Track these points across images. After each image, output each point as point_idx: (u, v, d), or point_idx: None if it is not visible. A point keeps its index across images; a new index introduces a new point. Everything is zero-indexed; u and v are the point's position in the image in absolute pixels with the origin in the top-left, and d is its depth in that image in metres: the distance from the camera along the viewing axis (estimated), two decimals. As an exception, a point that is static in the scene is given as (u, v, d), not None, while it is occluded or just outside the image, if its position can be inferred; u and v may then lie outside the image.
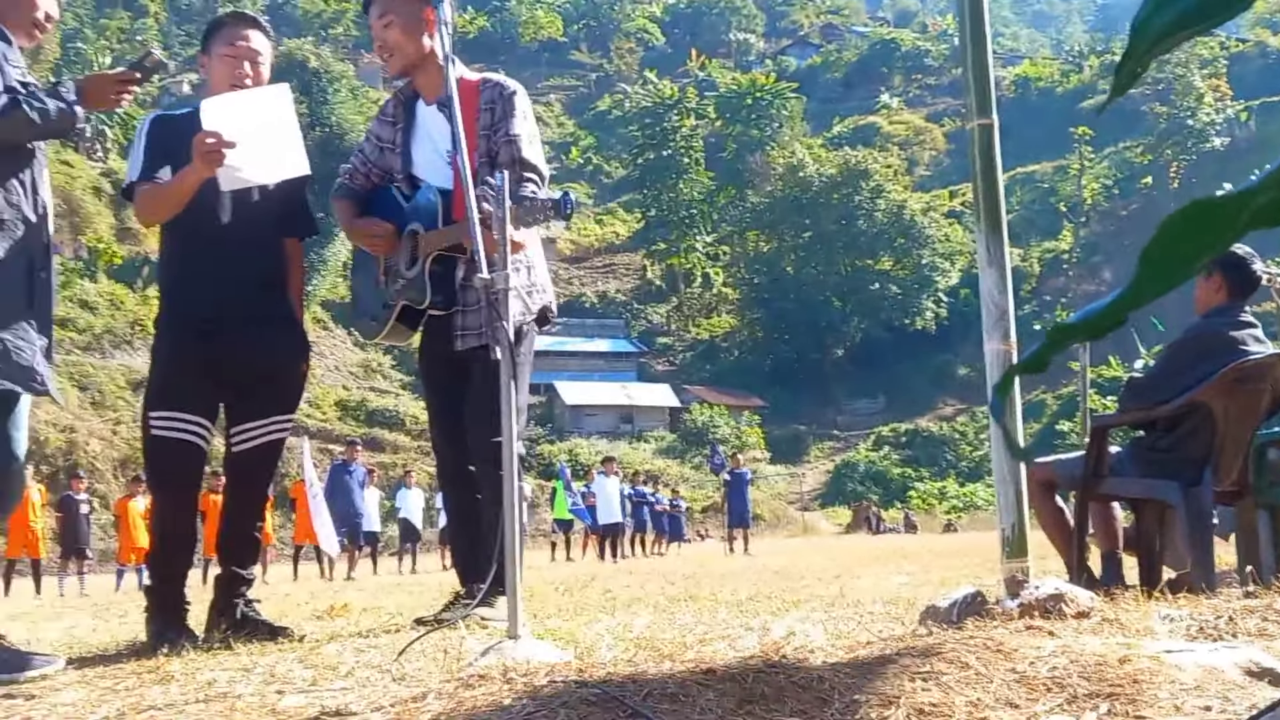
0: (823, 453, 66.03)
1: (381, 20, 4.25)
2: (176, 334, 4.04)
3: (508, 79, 4.41)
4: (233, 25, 4.15)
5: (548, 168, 4.33)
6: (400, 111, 4.47)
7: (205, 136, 3.62)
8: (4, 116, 3.26)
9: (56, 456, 39.33)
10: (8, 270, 3.38)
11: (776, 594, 5.68)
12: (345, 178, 4.58)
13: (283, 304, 4.22)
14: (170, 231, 4.07)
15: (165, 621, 3.90)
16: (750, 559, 16.64)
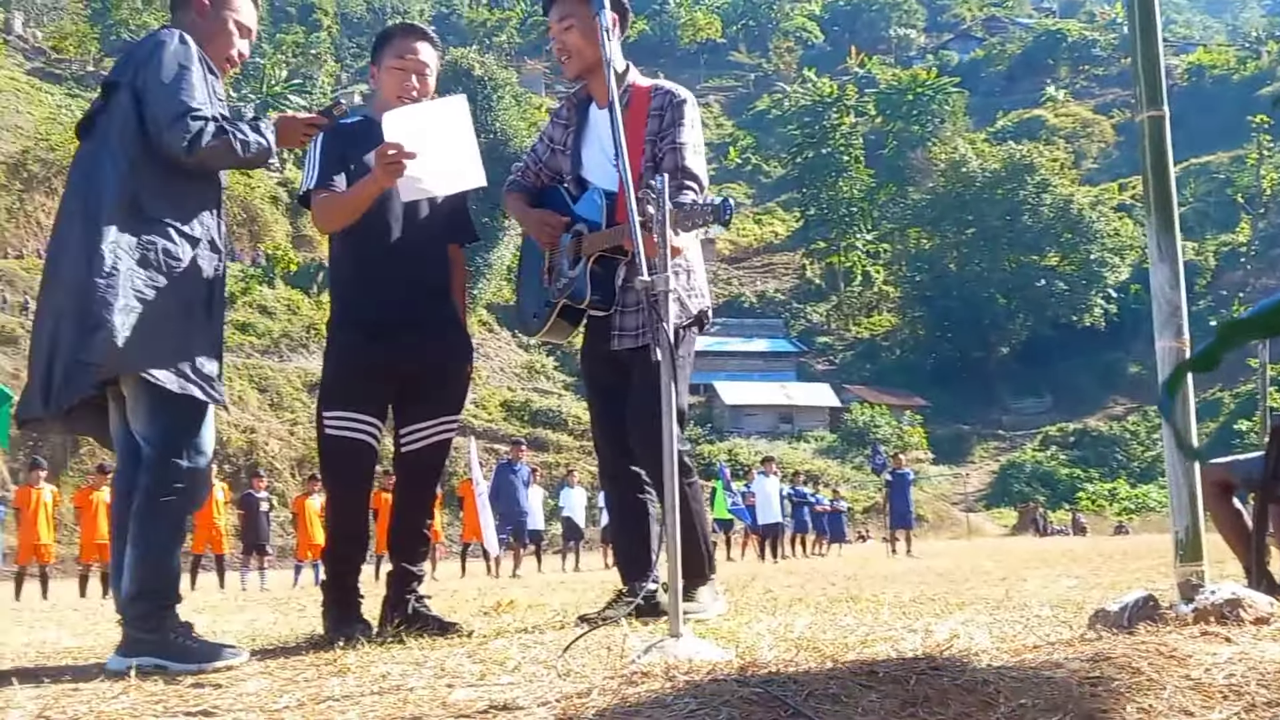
0: (987, 453, 64.75)
1: (562, 23, 4.30)
2: (348, 337, 4.15)
3: (679, 87, 4.43)
4: (402, 38, 4.25)
5: (708, 177, 4.34)
6: (573, 114, 4.52)
7: (387, 148, 3.71)
8: (212, 143, 3.41)
9: (238, 456, 40.83)
10: (196, 288, 3.54)
11: (940, 596, 5.59)
12: (517, 175, 4.67)
13: (448, 308, 4.31)
14: (342, 238, 4.18)
15: (341, 616, 4.03)
16: (913, 560, 16.41)
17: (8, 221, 56.93)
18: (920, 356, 72.51)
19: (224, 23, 3.73)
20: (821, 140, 78.93)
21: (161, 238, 3.45)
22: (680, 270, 4.29)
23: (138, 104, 3.47)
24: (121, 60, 3.61)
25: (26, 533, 15.72)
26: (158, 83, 3.44)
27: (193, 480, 3.47)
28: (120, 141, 3.46)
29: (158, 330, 3.39)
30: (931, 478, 58.09)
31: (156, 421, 3.43)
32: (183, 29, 3.67)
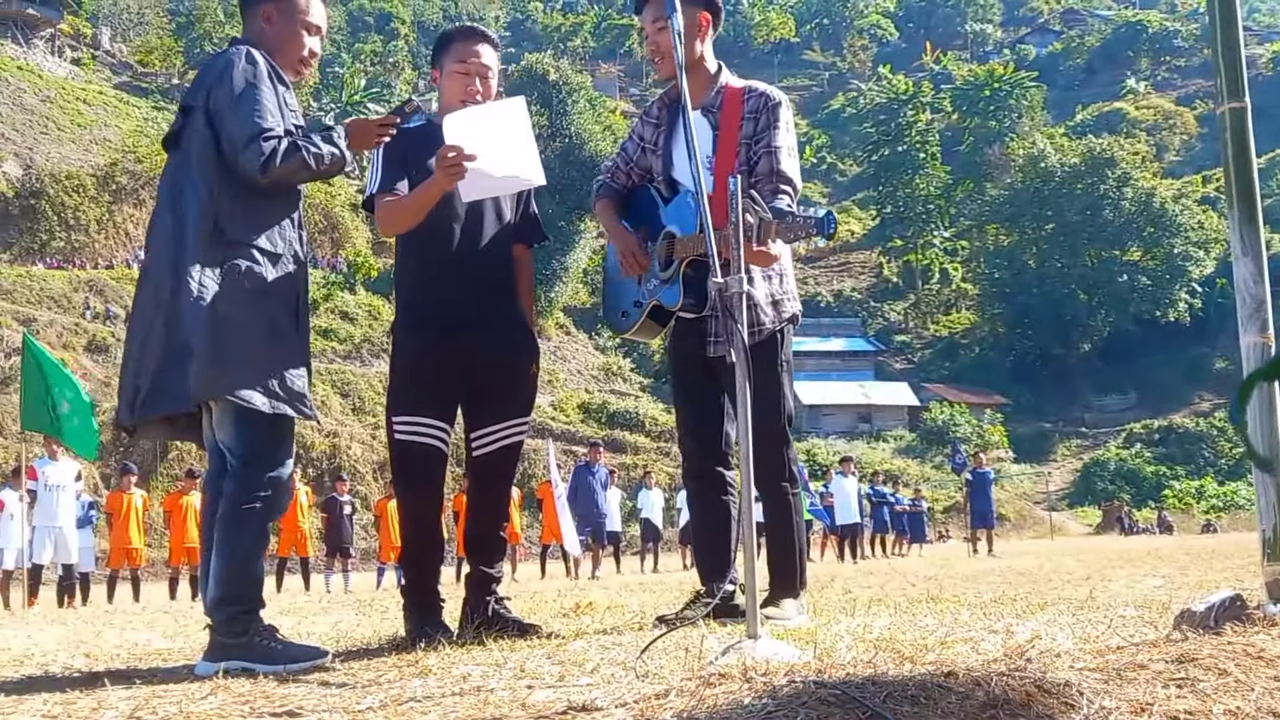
0: (1070, 451, 63.89)
1: (655, 24, 4.29)
2: (413, 339, 4.16)
3: (772, 89, 4.40)
4: (463, 41, 4.26)
5: (802, 181, 4.34)
6: (664, 114, 4.53)
7: (447, 150, 3.74)
8: (285, 161, 3.47)
9: (321, 460, 41.38)
10: (282, 302, 3.61)
11: (1022, 596, 5.53)
12: (607, 176, 4.67)
13: (514, 308, 4.33)
14: (407, 240, 4.21)
15: (422, 618, 4.06)
16: (994, 560, 16.24)
17: (97, 232, 58.21)
18: (1000, 354, 71.76)
19: (294, 26, 3.77)
20: (897, 138, 78.44)
21: (244, 259, 3.51)
22: (773, 274, 4.30)
23: (212, 127, 3.54)
24: (195, 82, 3.67)
25: (118, 537, 16.04)
26: (229, 105, 3.50)
27: (275, 488, 3.54)
28: (199, 167, 3.53)
29: (246, 353, 3.47)
30: (1013, 476, 57.47)
31: (241, 436, 3.51)
32: (253, 38, 3.74)
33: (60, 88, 67.71)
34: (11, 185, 57.28)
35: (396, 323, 4.25)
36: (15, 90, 64.00)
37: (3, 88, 63.62)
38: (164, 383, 3.45)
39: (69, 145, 61.38)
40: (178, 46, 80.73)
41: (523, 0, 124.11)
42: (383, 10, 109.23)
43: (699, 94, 4.35)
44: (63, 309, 49.64)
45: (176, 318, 3.42)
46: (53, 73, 70.58)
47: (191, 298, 3.41)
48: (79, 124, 64.07)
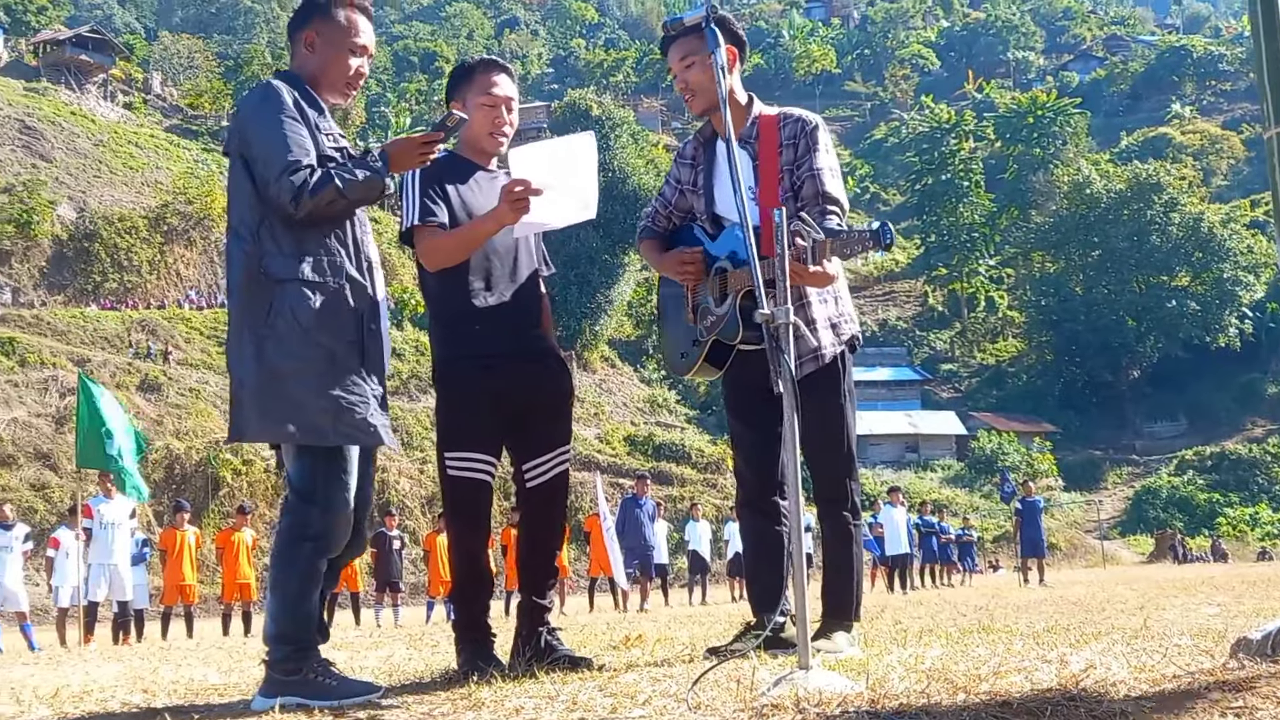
0: (1121, 478, 63.19)
1: (683, 62, 4.30)
2: (458, 371, 4.17)
3: (808, 113, 4.40)
4: (484, 73, 4.26)
5: (848, 200, 4.33)
6: (700, 152, 4.51)
7: (514, 185, 3.75)
8: (318, 192, 3.45)
9: (370, 495, 41.58)
10: (339, 328, 3.58)
11: (1075, 625, 5.49)
12: (648, 221, 4.65)
13: (547, 338, 4.35)
14: (444, 276, 4.17)
15: (474, 651, 4.07)
16: (1046, 589, 16.06)
17: (149, 273, 58.99)
18: (1048, 381, 71.15)
19: (338, 48, 3.75)
20: (940, 166, 78.27)
21: (291, 297, 3.49)
22: (829, 297, 4.28)
23: (247, 168, 3.54)
24: (231, 124, 3.70)
25: (172, 573, 16.15)
26: (257, 144, 3.51)
27: (329, 525, 3.52)
28: (238, 211, 3.55)
29: (299, 391, 3.46)
30: (1063, 505, 56.89)
31: (298, 468, 3.51)
32: (297, 66, 3.75)
33: (113, 132, 68.84)
34: (66, 228, 58.20)
35: (439, 358, 4.26)
36: (69, 135, 65.11)
37: (57, 132, 64.73)
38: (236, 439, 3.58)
39: (121, 188, 62.34)
40: (227, 89, 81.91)
41: (566, 37, 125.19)
42: (427, 50, 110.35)
43: (734, 127, 4.36)
44: (115, 349, 50.26)
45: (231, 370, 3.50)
46: (105, 117, 71.78)
47: (239, 345, 3.45)
48: (131, 167, 65.08)
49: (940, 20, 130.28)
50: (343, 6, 3.77)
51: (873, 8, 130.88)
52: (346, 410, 3.52)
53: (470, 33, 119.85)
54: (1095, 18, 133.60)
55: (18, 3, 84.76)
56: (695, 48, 4.25)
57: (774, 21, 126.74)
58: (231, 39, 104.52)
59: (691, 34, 4.22)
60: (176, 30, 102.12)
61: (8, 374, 44.99)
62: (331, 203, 3.49)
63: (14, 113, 64.86)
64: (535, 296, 4.31)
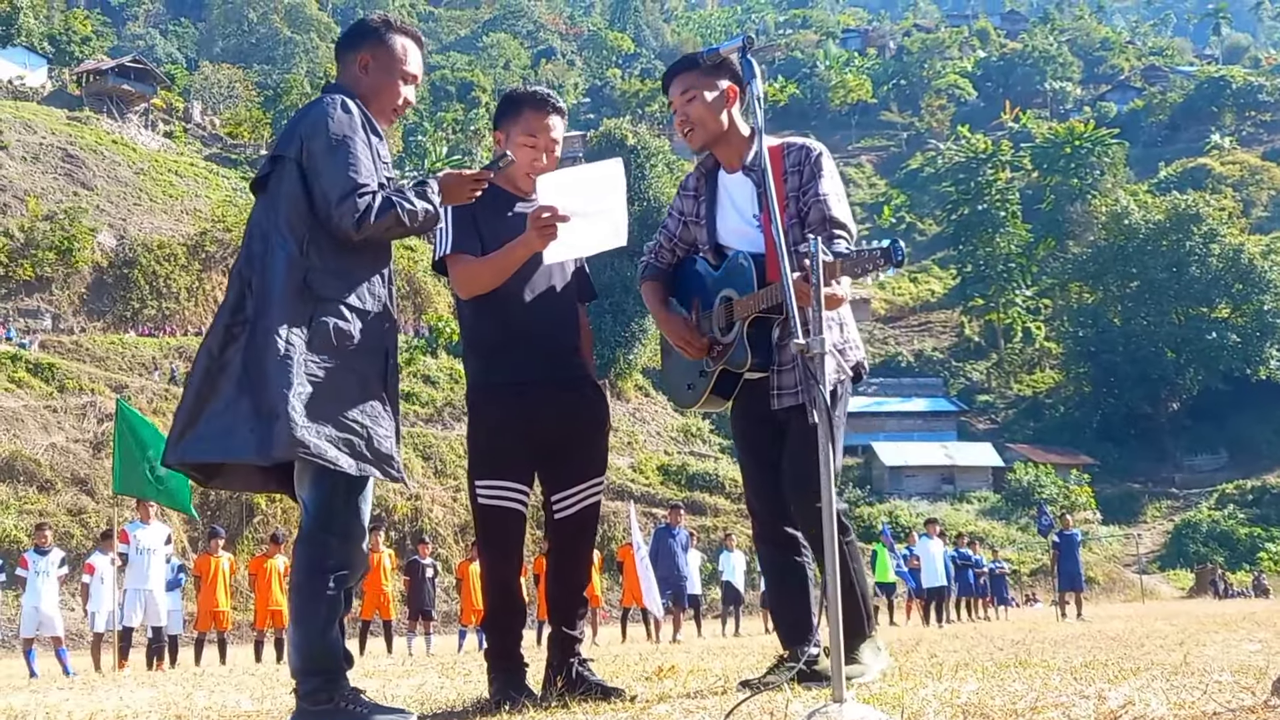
0: (1160, 512, 62.61)
1: (684, 96, 4.31)
2: (490, 400, 4.17)
3: (811, 141, 4.40)
4: (533, 110, 4.26)
5: (855, 226, 4.31)
6: (702, 184, 4.51)
7: (542, 211, 3.76)
8: (379, 218, 3.44)
9: (404, 523, 41.70)
10: (371, 358, 3.58)
11: (1113, 661, 5.42)
12: (651, 256, 4.64)
13: (584, 367, 4.33)
14: (476, 305, 4.20)
15: (506, 681, 4.06)
16: (1084, 624, 15.90)
17: (187, 300, 59.52)
18: (1086, 413, 70.66)
19: (390, 75, 3.76)
20: (977, 196, 78.14)
21: (333, 316, 3.48)
22: (833, 324, 4.25)
23: (304, 179, 3.51)
24: (287, 130, 3.63)
25: (206, 599, 16.21)
26: (323, 159, 3.47)
27: (347, 555, 3.49)
28: (289, 220, 3.50)
29: (333, 412, 3.43)
30: (1101, 538, 56.42)
31: (317, 495, 3.47)
32: (349, 84, 3.73)
33: (153, 160, 69.63)
34: (106, 255, 58.84)
35: (471, 386, 4.26)
36: (111, 163, 65.90)
37: (99, 161, 65.53)
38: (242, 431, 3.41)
39: (161, 215, 62.98)
40: (266, 118, 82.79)
41: (602, 67, 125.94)
42: (464, 79, 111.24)
43: (734, 159, 4.38)
44: (153, 375, 50.70)
45: (262, 375, 3.38)
46: (146, 146, 72.62)
47: (279, 356, 3.37)
48: (170, 195, 65.77)
49: (977, 50, 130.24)
50: (398, 33, 3.79)
51: (909, 38, 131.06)
52: (375, 440, 3.50)
53: (507, 63, 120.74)
54: (1133, 48, 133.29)
55: (62, 33, 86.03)
56: (696, 82, 4.29)
57: (810, 52, 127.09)
58: (271, 69, 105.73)
59: (693, 70, 4.27)
60: (217, 60, 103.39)
61: (47, 399, 45.45)
62: (389, 230, 3.49)
63: (57, 141, 65.72)
64: (572, 324, 4.31)
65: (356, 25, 3.86)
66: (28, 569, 14.93)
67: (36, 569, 14.83)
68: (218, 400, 3.46)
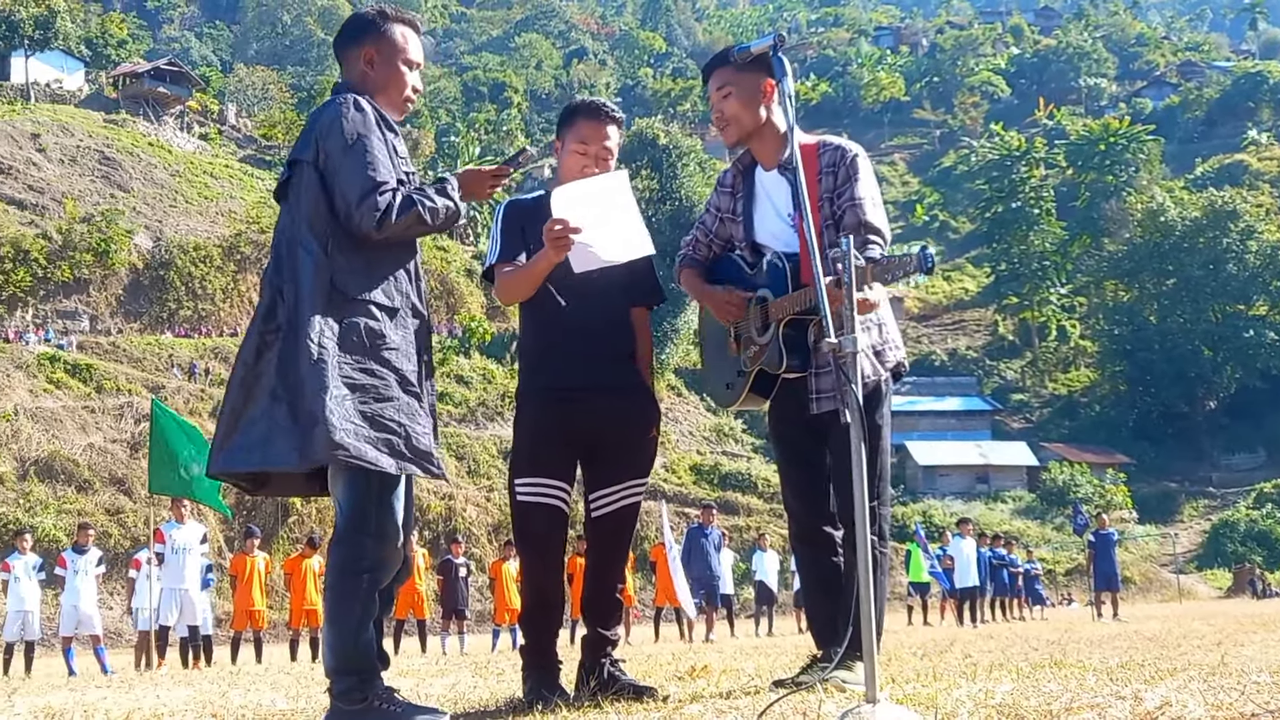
0: (1197, 511, 62.09)
1: (720, 91, 4.32)
2: (535, 404, 4.22)
3: (847, 142, 4.38)
4: (588, 120, 4.30)
5: (890, 229, 4.29)
6: (739, 181, 4.51)
7: (553, 223, 3.79)
8: (400, 216, 3.45)
9: (437, 523, 41.86)
10: (404, 355, 3.57)
11: (1149, 661, 5.38)
12: (688, 249, 4.66)
13: (634, 372, 4.34)
14: (529, 308, 4.27)
15: (539, 680, 4.07)
16: (1120, 624, 15.80)
17: (222, 301, 59.94)
18: (1121, 412, 70.14)
19: (395, 64, 3.76)
20: (1011, 194, 77.72)
21: (363, 316, 3.49)
22: (872, 324, 4.24)
23: (323, 182, 3.51)
24: (303, 134, 3.63)
25: (242, 599, 16.31)
26: (340, 160, 3.47)
27: (381, 556, 3.48)
28: (311, 223, 3.50)
29: (371, 413, 3.43)
30: (1137, 538, 56.01)
31: (351, 495, 3.47)
32: (356, 82, 3.72)
33: (189, 162, 70.17)
34: (143, 256, 59.33)
35: (519, 389, 4.32)
36: (146, 165, 66.44)
37: (135, 163, 66.08)
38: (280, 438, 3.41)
39: (196, 217, 63.45)
40: (299, 120, 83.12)
41: (633, 66, 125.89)
42: (496, 80, 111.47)
43: (771, 156, 4.36)
44: (199, 377, 51.08)
45: (298, 380, 3.38)
46: (181, 148, 73.18)
47: (312, 360, 3.37)
48: (206, 196, 66.26)
49: (1010, 47, 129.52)
50: (396, 22, 3.79)
51: (942, 35, 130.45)
52: (413, 438, 3.51)
53: (539, 63, 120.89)
54: (1169, 44, 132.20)
55: (99, 37, 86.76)
56: (733, 78, 4.28)
57: (842, 50, 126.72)
58: (304, 71, 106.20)
59: (730, 65, 4.25)
60: (251, 62, 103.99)
61: (85, 400, 45.88)
62: (410, 227, 3.50)
63: (94, 144, 66.31)
64: (622, 329, 4.33)
65: (353, 21, 3.85)
66: (66, 568, 15.10)
67: (75, 568, 15.00)
68: (255, 408, 3.46)
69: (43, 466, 41.15)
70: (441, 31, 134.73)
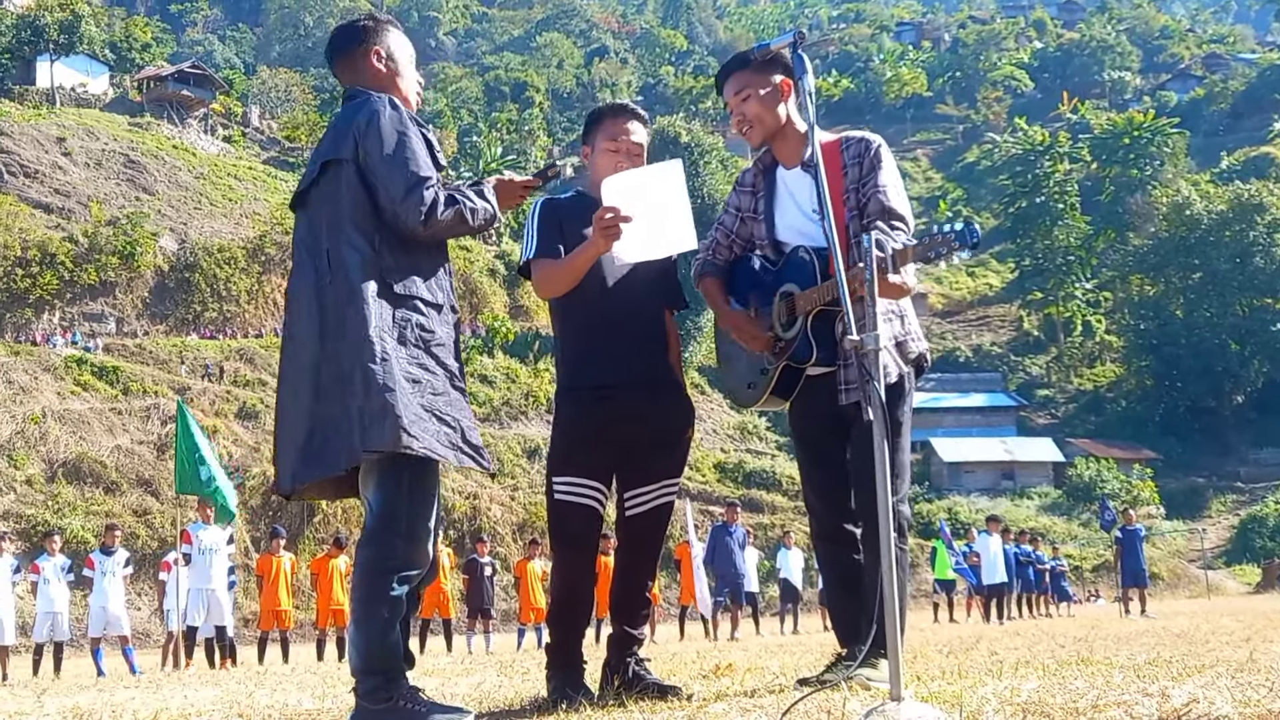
0: (1225, 506, 61.67)
1: (739, 95, 4.33)
2: (573, 402, 4.23)
3: (869, 134, 4.39)
4: (613, 119, 4.35)
5: (913, 217, 4.26)
6: (759, 180, 4.52)
7: (605, 211, 3.79)
8: (445, 213, 3.49)
9: (462, 522, 41.97)
10: (448, 351, 3.62)
11: (1177, 658, 5.34)
12: (707, 253, 4.64)
13: (670, 370, 4.35)
14: (563, 308, 4.28)
15: (564, 679, 4.08)
16: (1148, 620, 15.70)
17: (247, 302, 60.21)
18: (1148, 407, 69.71)
19: (401, 65, 3.79)
20: (1035, 189, 77.33)
21: (413, 312, 3.52)
22: (894, 315, 4.22)
23: (364, 180, 3.52)
24: (336, 134, 3.62)
25: (268, 599, 16.37)
26: (383, 157, 3.49)
27: (411, 556, 3.49)
28: (357, 222, 3.51)
29: (431, 407, 3.46)
30: (1165, 533, 55.68)
31: (382, 489, 3.48)
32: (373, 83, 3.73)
33: (213, 164, 70.53)
34: (168, 259, 59.65)
35: (558, 388, 4.34)
36: (171, 168, 66.80)
37: (160, 166, 66.44)
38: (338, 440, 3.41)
39: (220, 219, 63.77)
40: (322, 121, 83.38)
41: (655, 65, 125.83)
42: (518, 79, 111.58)
43: (792, 154, 4.36)
44: (214, 378, 51.32)
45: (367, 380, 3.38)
46: (206, 150, 73.55)
47: (377, 357, 3.38)
48: (230, 198, 66.59)
49: (1033, 41, 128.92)
50: (386, 23, 3.85)
51: (964, 30, 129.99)
52: (465, 432, 3.54)
53: (560, 62, 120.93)
54: (1193, 36, 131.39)
55: (123, 41, 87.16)
56: (750, 80, 4.29)
57: (864, 46, 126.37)
58: (327, 72, 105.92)
59: (746, 68, 4.28)
60: (274, 64, 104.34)
61: (112, 402, 46.17)
62: (453, 226, 3.53)
63: (119, 147, 66.70)
64: (657, 328, 4.34)
65: (347, 29, 3.86)
66: (94, 569, 15.20)
67: (102, 569, 15.09)
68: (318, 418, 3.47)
69: (70, 468, 41.44)
70: (463, 32, 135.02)
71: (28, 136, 64.19)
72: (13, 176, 60.73)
